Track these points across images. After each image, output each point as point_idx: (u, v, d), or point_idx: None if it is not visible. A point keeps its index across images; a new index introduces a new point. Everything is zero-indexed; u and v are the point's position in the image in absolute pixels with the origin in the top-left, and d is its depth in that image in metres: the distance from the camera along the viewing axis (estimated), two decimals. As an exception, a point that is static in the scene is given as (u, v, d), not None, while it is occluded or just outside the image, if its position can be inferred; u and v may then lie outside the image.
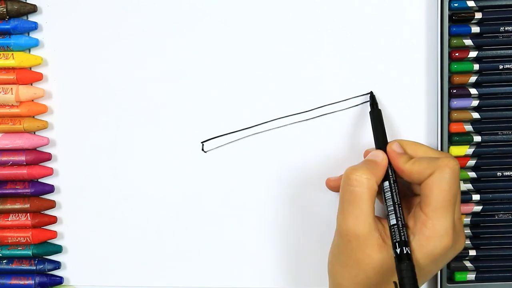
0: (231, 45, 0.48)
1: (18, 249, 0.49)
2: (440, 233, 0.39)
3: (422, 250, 0.39)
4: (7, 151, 0.48)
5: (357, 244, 0.40)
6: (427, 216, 0.39)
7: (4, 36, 0.47)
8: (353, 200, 0.40)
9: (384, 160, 0.42)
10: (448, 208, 0.39)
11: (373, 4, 0.47)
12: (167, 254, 0.50)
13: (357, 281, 0.40)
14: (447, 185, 0.39)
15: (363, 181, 0.40)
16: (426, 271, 0.40)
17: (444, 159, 0.40)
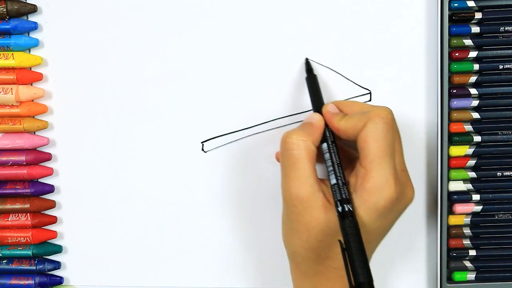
0: (231, 45, 0.48)
1: (18, 249, 0.49)
2: (380, 185, 0.38)
3: (365, 205, 0.38)
4: (7, 151, 0.48)
5: (302, 207, 0.39)
6: (366, 169, 0.39)
7: (4, 36, 0.47)
8: (292, 164, 0.40)
9: (320, 122, 0.42)
10: (385, 158, 0.39)
11: (373, 4, 0.47)
12: (167, 254, 0.50)
13: (309, 246, 0.40)
14: (380, 135, 0.39)
15: (299, 144, 0.40)
16: (374, 228, 0.39)
17: (375, 109, 0.40)
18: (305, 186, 0.39)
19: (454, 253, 0.49)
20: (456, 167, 0.48)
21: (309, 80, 0.46)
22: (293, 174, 0.40)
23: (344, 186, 0.39)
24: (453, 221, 0.48)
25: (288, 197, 0.40)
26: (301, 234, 0.40)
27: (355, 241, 0.37)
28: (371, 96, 0.48)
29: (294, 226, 0.40)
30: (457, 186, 0.48)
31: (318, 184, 0.40)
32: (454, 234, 0.48)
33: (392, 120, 0.40)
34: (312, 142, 0.40)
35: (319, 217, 0.39)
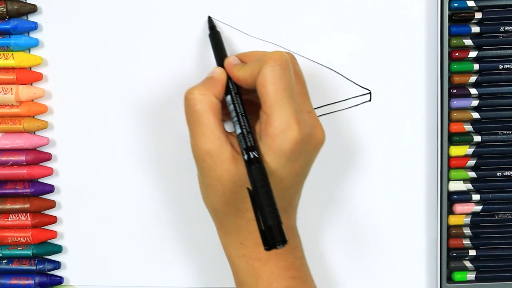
0: (231, 45, 0.48)
1: (18, 249, 0.49)
2: (282, 127, 0.38)
3: (271, 150, 0.38)
4: (7, 151, 0.48)
5: (212, 161, 0.39)
6: (267, 114, 0.38)
7: (4, 36, 0.47)
8: (195, 119, 0.39)
9: (221, 74, 0.41)
10: (284, 100, 0.38)
11: (373, 4, 0.47)
12: (167, 254, 0.50)
13: (226, 200, 0.39)
14: (275, 78, 0.38)
15: (200, 98, 0.39)
16: (286, 173, 0.39)
17: (269, 54, 0.39)
18: (212, 140, 0.39)
19: (454, 253, 0.49)
20: (456, 167, 0.48)
21: (212, 36, 0.46)
22: (198, 129, 0.39)
23: (249, 134, 0.38)
24: (453, 221, 0.48)
25: (196, 153, 0.39)
26: (216, 189, 0.39)
27: (262, 185, 0.36)
28: (371, 96, 0.48)
29: (208, 181, 0.39)
30: (457, 186, 0.48)
31: (225, 136, 0.39)
32: (454, 234, 0.48)
33: (286, 62, 0.39)
34: (214, 95, 0.40)
35: (229, 169, 0.38)
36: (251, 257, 0.40)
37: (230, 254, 0.41)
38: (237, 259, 0.41)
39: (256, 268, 0.40)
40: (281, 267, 0.40)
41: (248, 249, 0.40)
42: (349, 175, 0.49)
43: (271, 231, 0.35)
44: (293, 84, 0.39)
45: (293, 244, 0.42)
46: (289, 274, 0.41)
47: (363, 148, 0.48)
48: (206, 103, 0.39)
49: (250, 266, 0.40)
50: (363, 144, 0.48)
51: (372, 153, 0.49)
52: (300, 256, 0.42)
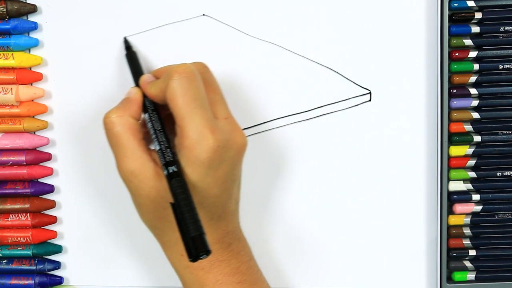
0: (231, 45, 0.48)
1: (18, 249, 0.49)
2: (196, 138, 0.38)
3: (190, 162, 0.38)
4: (7, 151, 0.48)
5: (137, 180, 0.39)
6: (180, 127, 0.39)
7: (4, 36, 0.47)
8: (116, 142, 0.40)
9: (136, 94, 0.42)
10: (194, 110, 0.38)
11: (373, 4, 0.47)
12: (167, 254, 0.50)
13: (159, 215, 0.40)
14: (183, 90, 0.38)
15: (117, 121, 0.40)
16: (210, 181, 0.39)
17: (174, 67, 0.39)
18: (134, 160, 0.39)
19: (454, 253, 0.49)
20: (456, 167, 0.48)
21: (128, 56, 0.46)
22: (120, 151, 0.40)
23: (167, 150, 0.39)
24: (453, 221, 0.48)
25: (122, 175, 0.40)
26: (148, 206, 0.40)
27: (182, 198, 0.37)
28: (371, 96, 0.48)
29: (139, 200, 0.40)
30: (457, 186, 0.48)
31: (147, 154, 0.40)
32: (454, 234, 0.48)
33: (192, 73, 0.39)
34: (130, 116, 0.40)
35: (156, 186, 0.39)
36: (194, 267, 0.41)
37: (175, 267, 0.42)
38: (182, 271, 0.42)
39: (201, 277, 0.41)
40: (226, 273, 0.41)
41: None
42: (349, 175, 0.49)
43: (194, 242, 0.35)
44: (202, 93, 0.40)
45: (237, 249, 0.42)
46: (235, 279, 0.41)
47: (363, 148, 0.48)
48: (123, 124, 0.40)
49: (195, 276, 0.41)
50: (363, 144, 0.48)
51: (372, 153, 0.49)
52: (246, 260, 0.43)
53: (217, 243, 0.41)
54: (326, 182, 0.49)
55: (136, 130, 0.40)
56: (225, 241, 0.41)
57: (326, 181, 0.49)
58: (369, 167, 0.49)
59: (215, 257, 0.41)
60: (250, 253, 0.44)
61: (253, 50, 0.48)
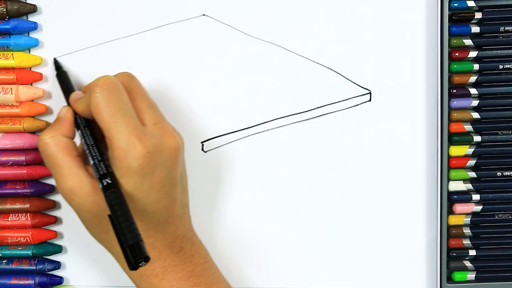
0: (231, 45, 0.48)
1: (18, 249, 0.49)
2: (125, 147, 0.38)
3: (123, 172, 0.38)
4: (7, 151, 0.48)
5: (78, 197, 0.40)
6: (109, 139, 0.39)
7: (4, 36, 0.47)
8: (52, 163, 0.40)
9: (67, 113, 0.42)
10: (119, 121, 0.38)
11: (373, 4, 0.47)
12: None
13: (105, 229, 0.40)
14: (104, 103, 0.39)
15: (49, 142, 0.40)
16: (146, 189, 0.39)
17: (94, 81, 0.40)
18: (71, 177, 0.40)
19: (454, 253, 0.49)
20: (456, 167, 0.48)
21: (58, 76, 0.46)
22: (57, 171, 0.40)
23: (100, 163, 0.39)
24: (453, 221, 0.48)
25: (63, 194, 0.40)
26: (93, 221, 0.41)
27: (118, 208, 0.37)
28: (371, 96, 0.48)
29: (84, 217, 0.41)
30: (457, 186, 0.48)
31: (84, 171, 0.40)
32: (454, 234, 0.48)
33: (112, 84, 0.40)
34: (62, 135, 0.41)
35: (95, 200, 0.39)
36: (148, 275, 0.41)
37: (131, 277, 0.42)
38: (137, 280, 0.42)
39: (155, 285, 0.41)
40: (180, 278, 0.41)
41: (143, 269, 0.41)
42: (349, 175, 0.49)
43: (131, 250, 0.35)
44: (126, 102, 0.40)
45: (190, 252, 0.42)
46: (190, 282, 0.41)
47: (363, 148, 0.48)
48: (56, 144, 0.40)
49: (149, 284, 0.41)
50: (363, 144, 0.48)
51: (372, 153, 0.49)
52: (201, 262, 0.43)
53: (167, 248, 0.41)
54: (326, 182, 0.49)
55: (70, 149, 0.40)
56: (176, 246, 0.42)
57: (326, 181, 0.49)
58: (369, 167, 0.49)
59: (167, 262, 0.41)
60: (205, 255, 0.44)
61: (253, 50, 0.48)
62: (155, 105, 0.42)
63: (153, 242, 0.41)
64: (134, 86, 0.42)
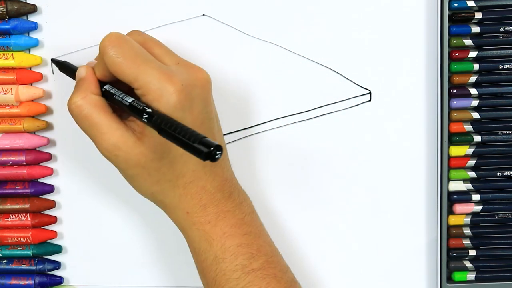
0: (231, 45, 0.48)
1: (18, 249, 0.49)
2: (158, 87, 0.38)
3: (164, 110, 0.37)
4: (7, 151, 0.48)
5: (123, 152, 0.39)
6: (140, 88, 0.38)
7: (4, 36, 0.47)
8: (89, 124, 0.40)
9: (88, 71, 0.41)
10: (142, 66, 0.38)
11: (373, 4, 0.47)
12: (166, 254, 0.50)
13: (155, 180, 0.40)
14: (117, 58, 0.39)
15: (81, 104, 0.40)
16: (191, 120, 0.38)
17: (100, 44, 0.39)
18: (113, 133, 0.39)
19: (454, 253, 0.49)
20: (456, 167, 0.48)
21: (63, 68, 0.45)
22: (96, 130, 0.39)
23: (139, 101, 0.38)
24: (453, 221, 0.48)
25: (106, 153, 0.40)
26: (141, 175, 0.40)
27: (174, 124, 0.35)
28: (371, 96, 0.48)
29: (131, 172, 0.40)
30: (457, 186, 0.48)
31: (123, 125, 0.40)
32: (454, 234, 0.48)
33: (120, 37, 0.40)
34: (92, 93, 0.40)
35: (141, 151, 0.39)
36: (201, 222, 0.40)
37: (182, 227, 0.42)
38: (189, 230, 0.41)
39: (208, 232, 0.40)
40: (232, 225, 0.41)
41: (196, 216, 0.40)
42: (349, 175, 0.49)
43: (202, 143, 0.33)
44: (140, 49, 0.40)
45: (238, 199, 0.42)
46: (241, 230, 0.41)
47: (363, 148, 0.48)
48: (90, 104, 0.40)
49: (202, 231, 0.40)
50: (363, 144, 0.48)
51: (372, 153, 0.49)
52: (249, 211, 0.42)
53: (218, 192, 0.41)
54: (326, 182, 0.49)
55: (104, 106, 0.40)
56: (225, 190, 0.41)
57: (326, 181, 0.49)
58: (369, 167, 0.49)
59: (219, 207, 0.40)
60: (251, 205, 0.43)
61: (253, 50, 0.48)
62: (171, 50, 0.42)
63: (204, 184, 0.40)
64: (146, 37, 0.42)
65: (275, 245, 0.43)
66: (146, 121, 0.37)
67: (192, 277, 0.50)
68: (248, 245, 0.40)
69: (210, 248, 0.40)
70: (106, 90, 0.41)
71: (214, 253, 0.40)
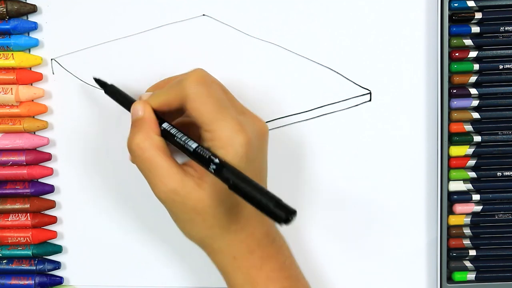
0: (232, 45, 0.48)
1: (18, 249, 0.49)
2: (230, 136, 0.38)
3: (230, 159, 0.37)
4: (7, 151, 0.48)
5: (180, 197, 0.39)
6: (211, 132, 0.38)
7: (4, 36, 0.47)
8: (150, 166, 0.39)
9: (146, 110, 0.40)
10: (220, 112, 0.38)
11: (373, 4, 0.47)
12: (167, 254, 0.50)
13: (208, 225, 0.39)
14: (203, 96, 0.38)
15: (145, 145, 0.39)
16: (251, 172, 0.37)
17: (188, 74, 0.39)
18: (172, 177, 0.39)
19: (454, 253, 0.49)
20: (456, 167, 0.48)
21: (110, 91, 0.44)
22: (156, 174, 0.39)
23: (203, 149, 0.38)
24: (453, 221, 0.48)
25: (163, 196, 0.39)
26: (195, 220, 0.39)
27: (246, 180, 0.35)
28: (371, 96, 0.48)
29: (185, 217, 0.40)
30: (457, 186, 0.48)
31: (182, 169, 0.39)
32: (454, 234, 0.48)
33: (207, 76, 0.40)
34: (153, 134, 0.39)
35: (199, 197, 0.39)
36: (246, 266, 0.40)
37: (226, 270, 0.41)
38: (233, 272, 0.41)
39: (253, 275, 0.40)
40: (275, 269, 0.41)
41: (243, 260, 0.40)
42: (349, 175, 0.49)
43: (279, 205, 0.33)
44: (221, 94, 0.40)
45: (279, 244, 0.42)
46: (283, 274, 0.41)
47: (363, 148, 0.48)
48: (152, 146, 0.39)
49: (246, 275, 0.40)
50: (363, 144, 0.48)
51: (372, 153, 0.49)
52: (289, 255, 0.43)
53: (265, 238, 0.41)
54: (326, 182, 0.49)
55: (165, 148, 0.39)
56: (270, 235, 0.41)
57: (326, 181, 0.49)
58: (369, 167, 0.49)
59: (265, 252, 0.41)
60: (289, 248, 0.43)
61: (253, 50, 0.48)
62: (235, 97, 0.42)
63: (253, 231, 0.40)
64: (216, 80, 0.41)
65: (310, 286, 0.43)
66: (213, 172, 0.37)
67: (193, 277, 0.50)
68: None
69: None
70: (165, 129, 0.40)
71: None
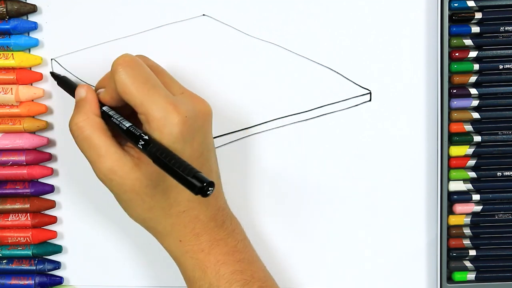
0: (231, 45, 0.48)
1: (18, 249, 0.49)
2: (163, 115, 0.37)
3: (164, 141, 0.37)
4: (7, 151, 0.48)
5: (118, 177, 0.39)
6: (144, 114, 0.38)
7: (4, 36, 0.47)
8: (89, 145, 0.39)
9: (89, 93, 0.41)
10: (150, 92, 0.38)
11: (373, 4, 0.47)
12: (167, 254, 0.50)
13: (148, 206, 0.40)
14: (130, 78, 0.38)
15: (83, 125, 0.39)
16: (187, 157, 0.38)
17: (114, 62, 0.40)
18: (110, 157, 0.39)
19: (454, 253, 0.49)
20: (456, 167, 0.48)
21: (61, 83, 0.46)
22: (94, 152, 0.39)
23: (136, 128, 0.38)
24: (453, 221, 0.48)
25: (101, 175, 0.39)
26: (135, 200, 0.40)
27: (169, 154, 0.36)
28: (371, 96, 0.48)
29: (124, 197, 0.40)
30: (457, 186, 0.48)
31: (121, 149, 0.39)
32: (454, 234, 0.48)
33: (133, 59, 0.40)
34: (94, 114, 0.40)
35: (137, 177, 0.39)
36: (194, 250, 0.41)
37: (174, 255, 0.42)
38: (181, 257, 0.41)
39: (202, 260, 0.40)
40: (225, 253, 0.41)
41: (189, 244, 0.41)
42: (349, 175, 0.49)
43: (196, 177, 0.34)
44: (151, 74, 0.40)
45: (231, 227, 0.42)
46: (234, 257, 0.41)
47: (363, 148, 0.48)
48: (91, 125, 0.40)
49: (195, 259, 0.41)
50: (363, 144, 0.48)
51: (372, 153, 0.49)
52: (241, 238, 0.42)
53: (211, 221, 0.41)
54: (326, 182, 0.49)
55: (104, 129, 0.40)
56: (218, 219, 0.41)
57: (326, 181, 0.49)
58: (369, 167, 0.49)
59: (212, 236, 0.41)
60: (243, 232, 0.44)
61: (253, 50, 0.48)
62: (175, 79, 0.42)
63: (197, 214, 0.40)
64: (152, 65, 0.42)
65: (268, 270, 0.43)
66: (141, 148, 0.37)
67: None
68: (242, 271, 0.41)
69: (205, 276, 0.40)
70: (104, 111, 0.41)
71: (209, 281, 0.40)
